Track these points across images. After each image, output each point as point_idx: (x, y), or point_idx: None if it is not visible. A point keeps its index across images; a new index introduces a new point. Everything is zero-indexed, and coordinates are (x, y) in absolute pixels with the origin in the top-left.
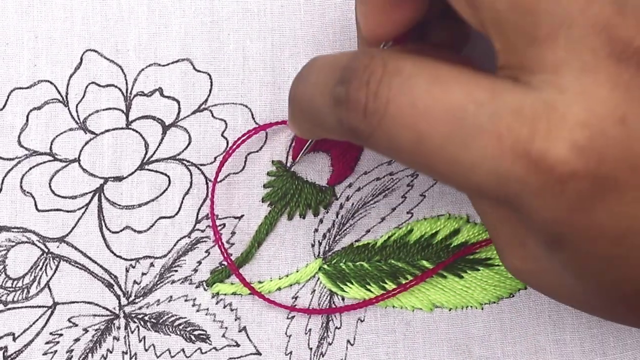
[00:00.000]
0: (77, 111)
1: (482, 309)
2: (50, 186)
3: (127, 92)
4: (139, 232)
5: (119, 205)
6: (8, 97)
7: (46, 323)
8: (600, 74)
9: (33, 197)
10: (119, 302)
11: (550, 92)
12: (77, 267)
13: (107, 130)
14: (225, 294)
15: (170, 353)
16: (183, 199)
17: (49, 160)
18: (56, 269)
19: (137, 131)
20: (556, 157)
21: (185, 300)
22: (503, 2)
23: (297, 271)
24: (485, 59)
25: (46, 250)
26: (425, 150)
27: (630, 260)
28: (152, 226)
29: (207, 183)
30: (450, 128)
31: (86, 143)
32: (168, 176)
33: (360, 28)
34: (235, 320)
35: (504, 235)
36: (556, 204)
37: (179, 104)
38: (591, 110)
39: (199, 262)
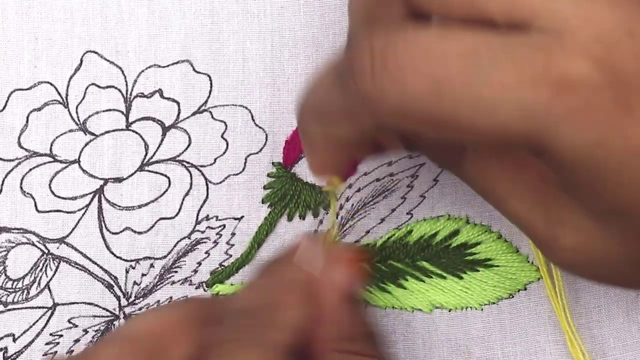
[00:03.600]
0: (77, 112)
1: (482, 309)
2: (50, 187)
3: (127, 93)
4: (139, 233)
5: (119, 206)
6: (8, 98)
7: (46, 324)
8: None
9: (33, 198)
10: (119, 303)
11: (555, 23)
12: (77, 268)
13: (107, 132)
14: (225, 295)
15: None
16: (183, 200)
17: (49, 162)
18: (56, 270)
19: (137, 132)
20: (577, 73)
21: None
22: None
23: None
24: None
25: (46, 251)
26: (445, 96)
27: None
28: (152, 227)
29: (207, 184)
30: (468, 68)
31: (86, 144)
32: (168, 177)
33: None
34: None
35: (540, 219)
36: (585, 124)
37: (178, 106)
38: (599, 27)
39: (199, 263)
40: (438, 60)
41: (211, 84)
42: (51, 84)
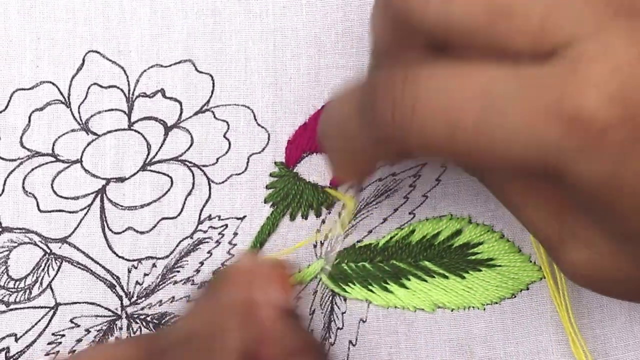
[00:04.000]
0: (79, 112)
1: (484, 309)
2: (52, 187)
3: (129, 93)
4: (141, 232)
5: (121, 206)
6: (10, 98)
7: (48, 324)
8: (613, 31)
9: (35, 198)
10: (121, 303)
11: (569, 55)
12: (79, 267)
13: (109, 132)
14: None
15: None
16: (185, 200)
17: (51, 161)
18: (58, 270)
19: (139, 132)
20: (590, 110)
21: (188, 301)
22: (487, 21)
23: (299, 272)
24: None
25: (48, 251)
26: (461, 136)
27: None
28: (154, 227)
29: (209, 184)
30: (481, 107)
31: (88, 144)
32: (170, 177)
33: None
34: None
35: (554, 229)
36: (599, 158)
37: (181, 105)
38: (614, 61)
39: (201, 263)
40: (452, 104)
41: (213, 83)
42: (53, 84)
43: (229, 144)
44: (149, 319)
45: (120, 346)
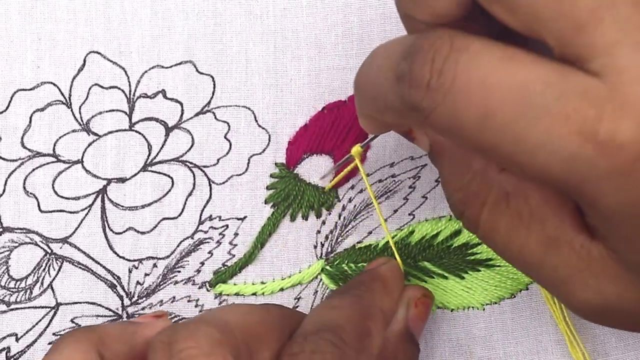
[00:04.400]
0: (80, 113)
1: (484, 309)
2: (53, 187)
3: (130, 94)
4: (142, 233)
5: (122, 206)
6: (11, 98)
7: (49, 323)
8: None
9: (36, 198)
10: (122, 303)
11: (610, 74)
12: (80, 267)
13: (110, 132)
14: (228, 295)
15: None
16: (186, 200)
17: (52, 162)
18: (59, 270)
19: (140, 133)
20: (625, 137)
21: (189, 301)
22: (539, 1)
23: (300, 272)
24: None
25: (49, 251)
26: (491, 127)
27: None
28: (155, 227)
29: (210, 184)
30: (518, 106)
31: (89, 144)
32: (171, 178)
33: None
34: None
35: (567, 264)
36: (628, 185)
37: (182, 106)
38: None
39: (202, 263)
40: (490, 92)
41: (214, 84)
42: (54, 85)
43: (230, 144)
44: None
45: (267, 311)
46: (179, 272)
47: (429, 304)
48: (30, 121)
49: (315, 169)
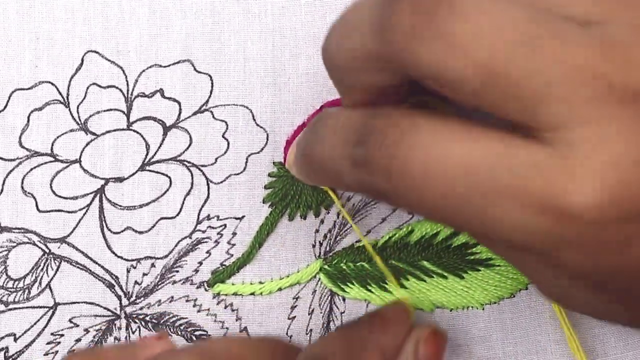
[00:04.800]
0: (78, 112)
1: (483, 309)
2: (51, 187)
3: (128, 93)
4: (140, 232)
5: (120, 206)
6: (9, 98)
7: (47, 323)
8: (607, 120)
9: (34, 197)
10: (120, 303)
11: (564, 145)
12: (78, 267)
13: (108, 131)
14: (226, 295)
15: None
16: (184, 199)
17: (50, 161)
18: (57, 270)
19: (138, 132)
20: (583, 205)
21: (187, 301)
22: (479, 82)
23: (298, 271)
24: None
25: (47, 251)
26: (451, 206)
27: None
28: (153, 227)
29: (208, 184)
30: (468, 187)
31: (87, 144)
32: (169, 177)
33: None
34: (237, 320)
35: (538, 275)
36: (591, 250)
37: (179, 105)
38: (608, 156)
39: (200, 263)
40: (443, 173)
41: (212, 83)
42: (52, 84)
43: (228, 144)
44: (147, 318)
45: (260, 344)
46: (177, 271)
47: (441, 343)
48: (28, 120)
49: None
